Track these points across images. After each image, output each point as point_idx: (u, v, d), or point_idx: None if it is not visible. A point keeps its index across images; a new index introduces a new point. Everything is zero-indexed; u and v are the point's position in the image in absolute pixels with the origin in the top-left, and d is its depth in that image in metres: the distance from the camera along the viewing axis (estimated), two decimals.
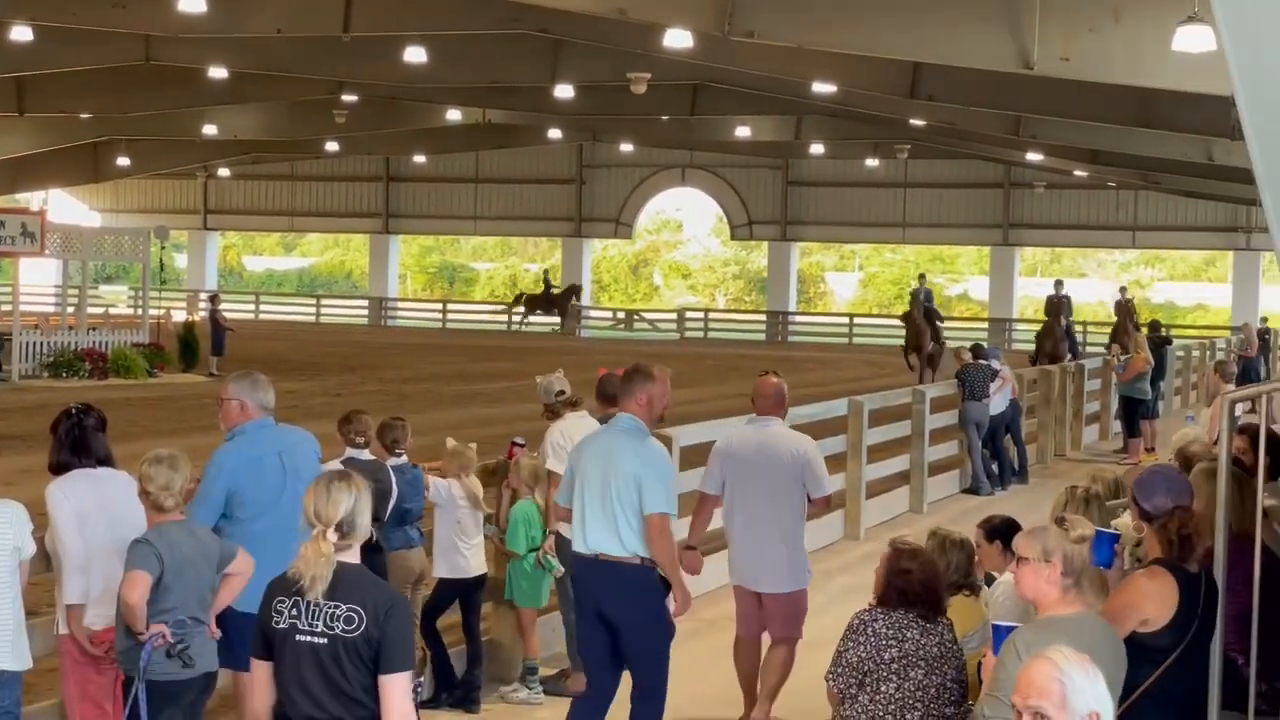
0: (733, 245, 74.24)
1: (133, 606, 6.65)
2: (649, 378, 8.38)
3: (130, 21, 25.46)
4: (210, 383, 32.56)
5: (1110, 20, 17.90)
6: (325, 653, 5.31)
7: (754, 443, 9.68)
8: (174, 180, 65.03)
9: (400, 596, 5.79)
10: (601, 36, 25.88)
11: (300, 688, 5.34)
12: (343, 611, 5.30)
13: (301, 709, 5.35)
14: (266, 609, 5.43)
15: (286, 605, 5.37)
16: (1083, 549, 5.85)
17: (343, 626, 5.30)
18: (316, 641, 5.31)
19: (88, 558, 7.17)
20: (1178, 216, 54.14)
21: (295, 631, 5.34)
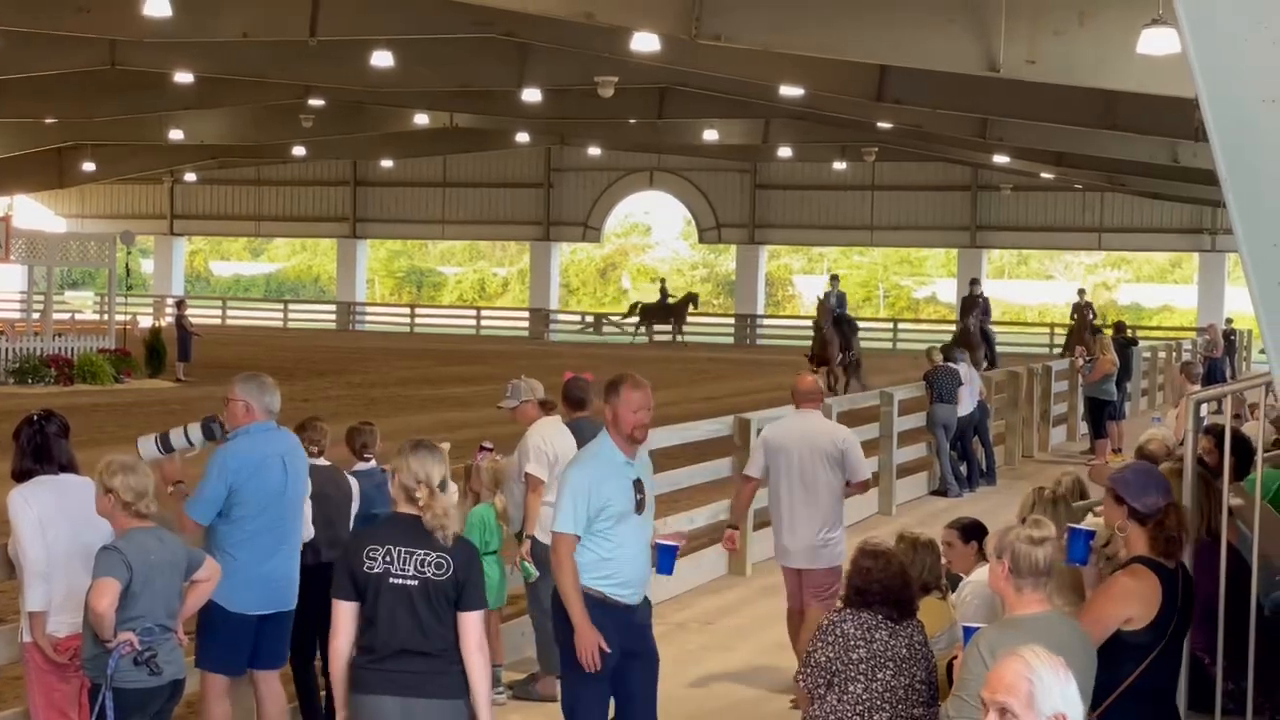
0: (701, 248, 74.33)
1: (101, 614, 6.62)
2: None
3: (95, 26, 25.35)
4: (177, 388, 32.45)
5: (1075, 23, 17.98)
6: (417, 593, 6.23)
7: (796, 432, 10.52)
8: (140, 185, 64.77)
9: (475, 547, 6.71)
10: (568, 40, 25.87)
11: (391, 623, 6.23)
12: (433, 559, 6.25)
13: (392, 642, 6.23)
14: (357, 556, 6.28)
15: (380, 553, 6.26)
16: (1038, 550, 5.85)
17: (433, 571, 6.25)
18: (409, 584, 6.22)
19: (49, 564, 7.14)
20: (1143, 218, 54.42)
21: (389, 575, 6.23)
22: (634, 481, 7.73)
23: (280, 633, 8.15)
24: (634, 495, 7.70)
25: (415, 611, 6.24)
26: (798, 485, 10.35)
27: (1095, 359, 24.36)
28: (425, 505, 6.24)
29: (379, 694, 6.25)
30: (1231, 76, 4.60)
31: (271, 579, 7.92)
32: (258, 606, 7.86)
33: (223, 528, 7.79)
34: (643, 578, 7.82)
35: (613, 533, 7.59)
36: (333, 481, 9.08)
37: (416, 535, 6.27)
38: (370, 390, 32.80)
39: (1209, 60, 4.62)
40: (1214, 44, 4.61)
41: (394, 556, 6.25)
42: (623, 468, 7.72)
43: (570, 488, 7.66)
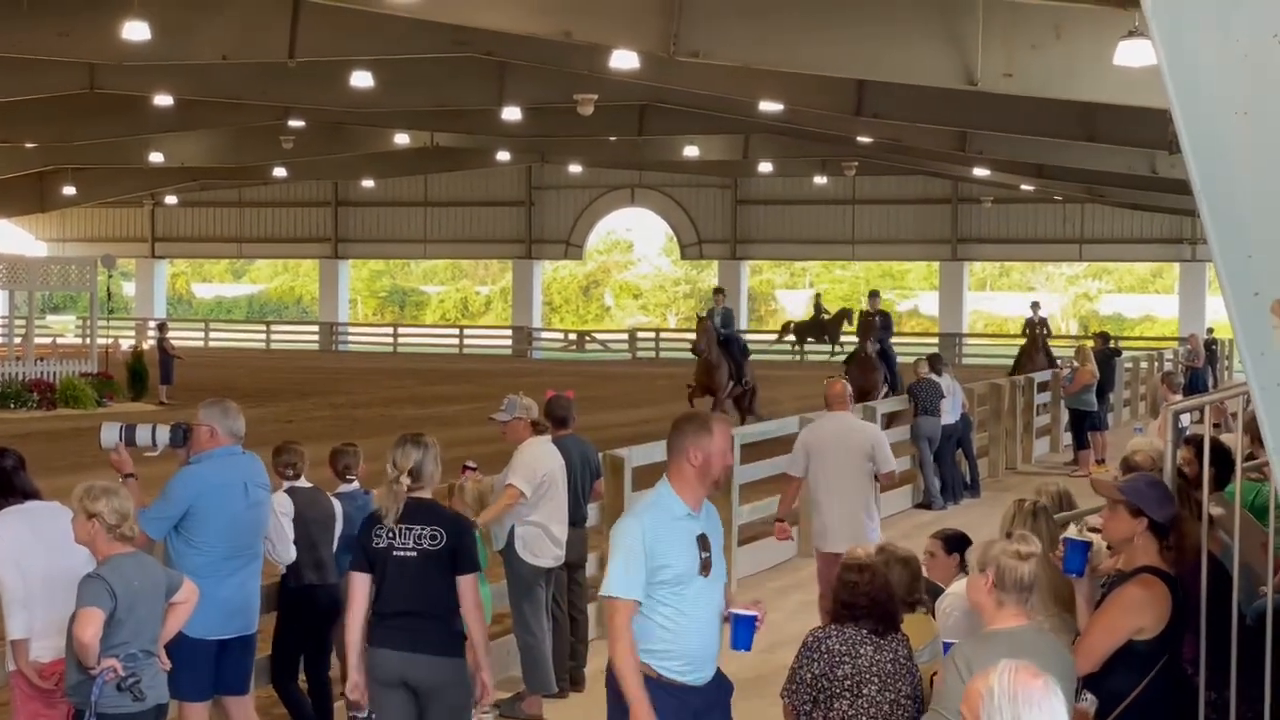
0: (683, 264, 74.37)
1: (85, 645, 6.60)
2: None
3: (74, 50, 25.31)
4: (161, 411, 32.38)
5: (1052, 36, 18.07)
6: (415, 563, 7.21)
7: (831, 432, 11.91)
8: (121, 209, 64.68)
9: (467, 518, 7.87)
10: (548, 58, 25.90)
11: (397, 589, 7.22)
12: (427, 532, 7.23)
13: (395, 604, 7.22)
14: (366, 535, 7.35)
15: (383, 531, 7.29)
16: (1024, 565, 5.87)
17: (429, 543, 7.23)
18: (409, 555, 7.21)
19: (28, 592, 7.12)
20: (1124, 229, 54.60)
21: (392, 549, 7.24)
22: (698, 538, 6.56)
23: (243, 657, 8.12)
24: (699, 554, 6.53)
25: (415, 578, 7.21)
26: (834, 478, 11.66)
27: (1076, 369, 24.43)
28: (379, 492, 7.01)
29: (384, 648, 7.24)
30: (1204, 89, 4.63)
31: (231, 603, 7.90)
32: (218, 631, 7.83)
33: (183, 553, 7.77)
34: (710, 654, 6.64)
35: (673, 598, 6.44)
36: (314, 503, 9.06)
37: (413, 513, 7.22)
38: (354, 411, 32.77)
39: (1181, 73, 4.65)
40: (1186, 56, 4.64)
41: (396, 532, 7.23)
42: (685, 521, 6.56)
43: (623, 544, 6.48)
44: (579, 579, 11.40)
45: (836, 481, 11.67)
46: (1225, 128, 4.61)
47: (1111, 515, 6.63)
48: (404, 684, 7.28)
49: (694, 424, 6.68)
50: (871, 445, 11.90)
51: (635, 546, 6.43)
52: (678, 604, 6.45)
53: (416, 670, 7.22)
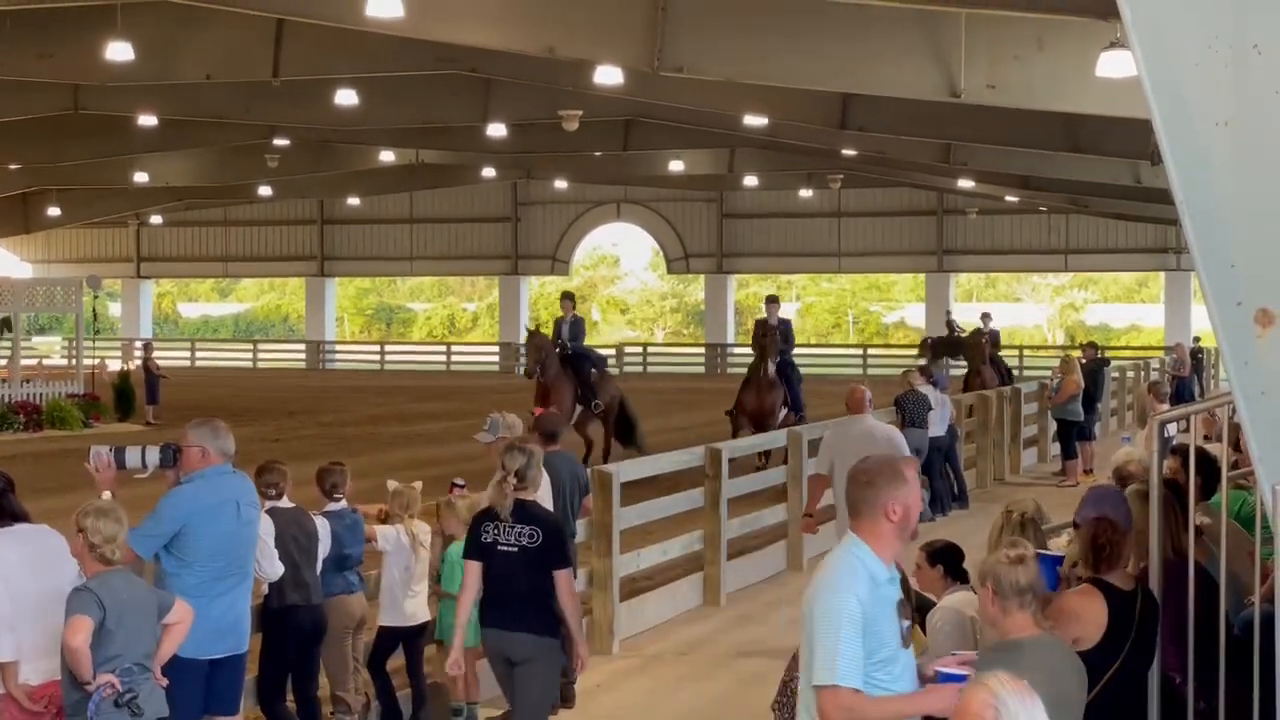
0: (670, 279, 74.44)
1: (75, 650, 6.61)
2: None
3: (58, 71, 25.30)
4: (148, 432, 32.30)
5: (1034, 48, 18.13)
6: (517, 557, 8.27)
7: (853, 433, 12.93)
8: (106, 229, 64.60)
9: (560, 520, 8.95)
10: (532, 75, 25.93)
11: (499, 579, 8.33)
12: (527, 530, 8.27)
13: (500, 591, 8.33)
14: (476, 529, 8.45)
15: (490, 527, 8.36)
16: (1017, 570, 5.86)
17: (528, 540, 8.27)
18: (511, 550, 8.28)
19: (15, 615, 7.10)
20: (1109, 239, 54.73)
21: (497, 544, 8.31)
22: (898, 604, 5.65)
23: (233, 677, 8.09)
24: (901, 624, 5.62)
25: (515, 570, 8.28)
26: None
27: (1063, 379, 24.47)
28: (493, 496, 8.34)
29: (490, 628, 8.45)
30: (1185, 99, 4.65)
31: (223, 622, 7.87)
32: (209, 650, 7.80)
33: (174, 572, 7.74)
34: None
35: (885, 680, 5.50)
36: (296, 524, 9.03)
37: (518, 513, 8.30)
38: (342, 429, 32.72)
39: (1163, 84, 4.67)
40: (1167, 67, 4.66)
41: (500, 530, 8.32)
42: (887, 588, 5.59)
43: (838, 622, 5.42)
44: None
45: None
46: (1207, 138, 4.63)
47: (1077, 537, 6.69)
48: (505, 659, 8.44)
49: (886, 473, 5.68)
50: (890, 446, 12.62)
51: (854, 624, 5.41)
52: (888, 684, 5.51)
53: (514, 646, 8.36)
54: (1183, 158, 4.68)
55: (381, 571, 10.08)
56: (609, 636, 12.78)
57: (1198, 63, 4.60)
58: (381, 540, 9.97)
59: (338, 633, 9.41)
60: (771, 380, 23.20)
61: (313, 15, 20.76)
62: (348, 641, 9.58)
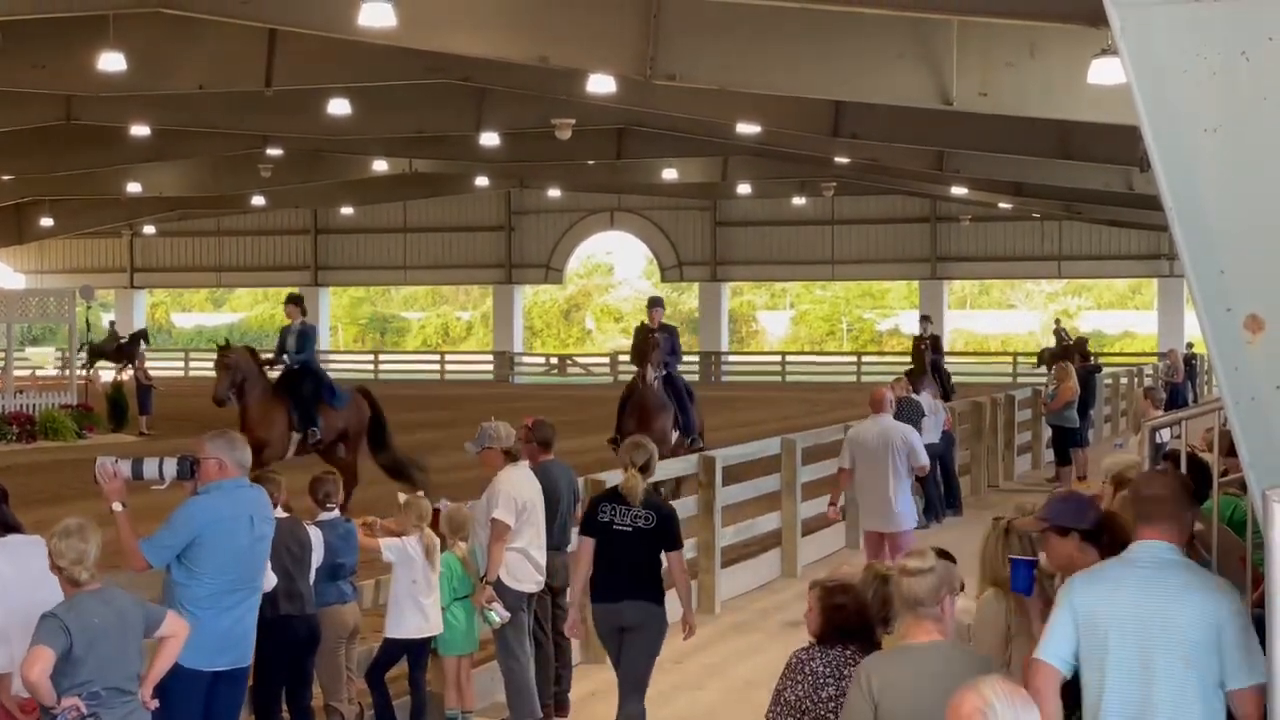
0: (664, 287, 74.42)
1: (32, 683, 6.56)
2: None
3: (51, 82, 25.33)
4: (141, 442, 32.27)
5: (1026, 55, 18.16)
6: (631, 538, 9.31)
7: (874, 432, 14.04)
8: (99, 239, 64.59)
9: (673, 507, 10.10)
10: (524, 84, 25.97)
11: (613, 557, 9.32)
12: (642, 514, 9.32)
13: (612, 566, 9.31)
14: (593, 510, 9.51)
15: (608, 508, 9.38)
16: (912, 581, 5.94)
17: (643, 523, 9.32)
18: (625, 530, 9.30)
19: (8, 626, 7.06)
20: (1102, 246, 54.82)
21: (612, 524, 9.32)
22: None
23: (236, 689, 8.08)
24: None
25: (630, 548, 9.29)
26: (876, 470, 13.82)
27: (1059, 386, 24.46)
28: (624, 483, 9.40)
29: (601, 602, 9.44)
30: (1173, 106, 4.66)
31: (230, 636, 7.86)
32: (214, 663, 7.79)
33: (184, 582, 7.73)
34: None
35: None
36: (291, 534, 9.02)
37: (631, 499, 9.35)
38: None
39: (1151, 90, 4.68)
40: (1155, 74, 4.67)
41: (616, 511, 9.32)
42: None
43: (1247, 621, 5.46)
44: (562, 604, 11.39)
45: (877, 473, 13.82)
46: (1195, 145, 4.64)
47: (1047, 545, 6.70)
48: (617, 627, 9.41)
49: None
50: (907, 443, 14.03)
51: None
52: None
53: (626, 614, 9.37)
54: (1172, 164, 4.69)
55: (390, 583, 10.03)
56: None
57: (1186, 69, 4.61)
58: (387, 552, 9.93)
59: (331, 642, 9.40)
60: (658, 400, 18.94)
61: (305, 25, 20.78)
62: (341, 651, 9.57)
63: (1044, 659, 5.57)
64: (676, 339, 20.15)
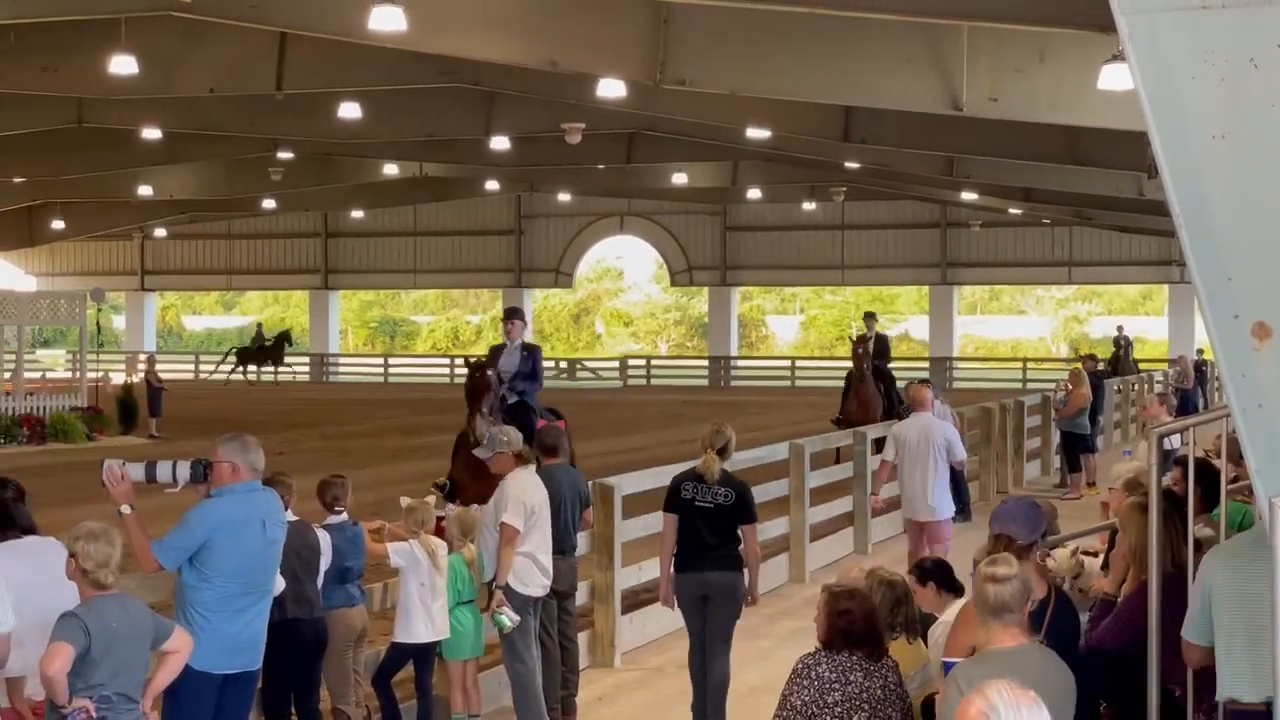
0: (673, 291, 74.47)
1: (50, 679, 6.55)
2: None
3: (61, 85, 25.38)
4: (151, 445, 32.33)
5: (1036, 60, 18.15)
6: (711, 513, 10.29)
7: (915, 428, 15.15)
8: (110, 242, 64.69)
9: (747, 485, 10.69)
10: (535, 88, 25.97)
11: (696, 531, 10.32)
12: (722, 490, 10.32)
13: (696, 540, 10.30)
14: (677, 487, 10.47)
15: (690, 486, 10.37)
16: (1000, 588, 5.92)
17: (723, 499, 10.31)
18: (707, 507, 10.29)
19: (23, 629, 7.02)
20: (1112, 251, 54.73)
21: (695, 501, 10.32)
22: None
23: (245, 693, 8.08)
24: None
25: (712, 523, 10.30)
26: (917, 464, 14.87)
27: (1070, 392, 24.42)
28: (704, 464, 10.35)
29: (686, 572, 10.38)
30: (1181, 113, 4.66)
31: (240, 639, 7.86)
32: (224, 666, 7.80)
33: (194, 586, 7.73)
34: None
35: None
36: (300, 537, 9.02)
37: (709, 478, 10.32)
38: (345, 441, 32.73)
39: (1159, 97, 4.68)
40: (1164, 81, 4.67)
41: (698, 490, 10.32)
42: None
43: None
44: (569, 608, 11.39)
45: (918, 466, 14.87)
46: (1203, 151, 4.64)
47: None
48: (701, 595, 10.33)
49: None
50: (945, 439, 15.11)
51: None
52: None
53: (710, 583, 10.30)
54: (1179, 171, 4.69)
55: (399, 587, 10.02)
56: (610, 649, 12.78)
57: (1194, 76, 4.61)
58: (395, 556, 9.92)
59: (338, 646, 9.39)
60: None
61: (316, 29, 20.82)
62: (348, 655, 9.57)
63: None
64: (538, 359, 17.10)
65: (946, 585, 8.06)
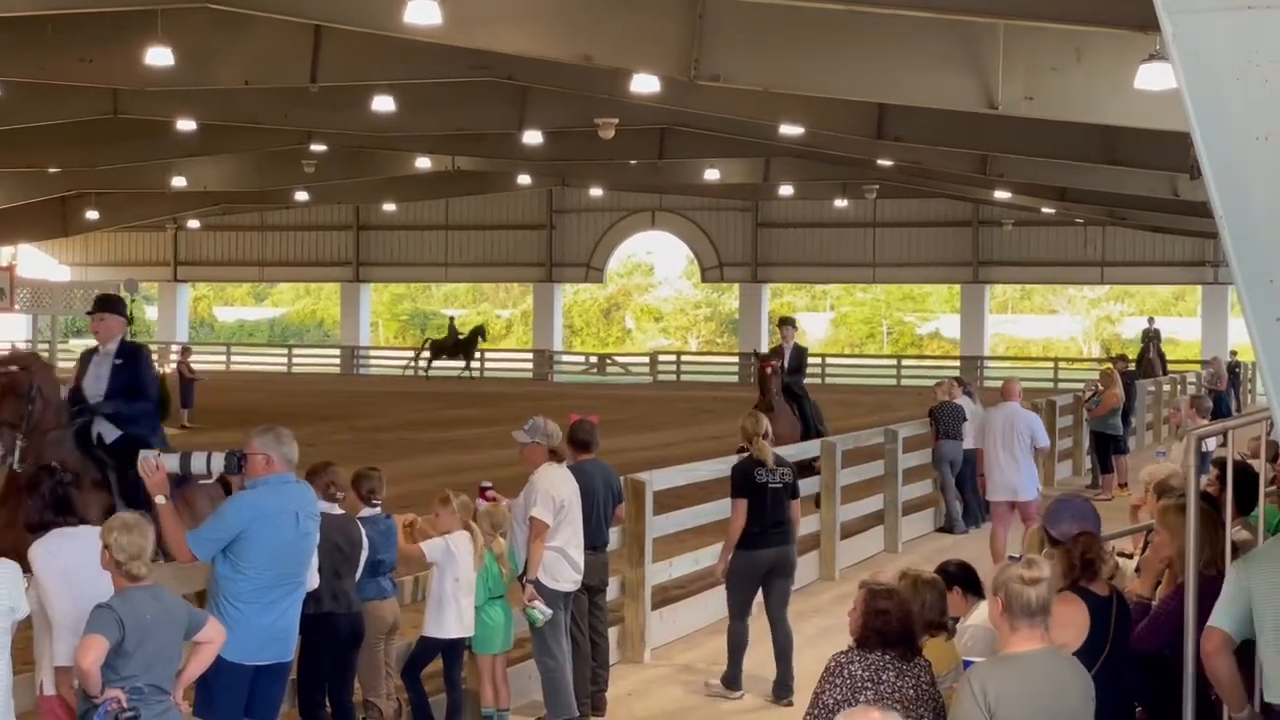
0: (704, 287, 74.43)
1: (85, 671, 6.58)
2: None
3: (98, 76, 25.47)
4: (183, 436, 32.44)
5: (1072, 59, 18.07)
6: (780, 491, 11.69)
7: (1003, 415, 16.64)
8: (143, 233, 64.96)
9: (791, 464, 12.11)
10: (568, 82, 25.97)
11: (765, 512, 11.57)
12: (780, 471, 11.72)
13: (770, 518, 11.60)
14: (750, 474, 11.65)
15: (762, 472, 11.61)
16: (1030, 590, 5.90)
17: (783, 479, 11.72)
18: (776, 486, 11.65)
19: (79, 617, 6.99)
20: (1146, 252, 54.48)
21: (768, 485, 11.60)
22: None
23: (277, 684, 8.11)
24: None
25: (778, 501, 11.65)
26: (1004, 448, 16.27)
27: (1103, 392, 24.33)
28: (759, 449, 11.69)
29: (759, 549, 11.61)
30: (1225, 113, 4.62)
31: (272, 631, 7.89)
32: (256, 657, 7.82)
33: (228, 577, 7.77)
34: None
35: None
36: (343, 532, 9.03)
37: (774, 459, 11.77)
38: (376, 434, 32.80)
39: (1203, 97, 4.65)
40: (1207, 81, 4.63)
41: (768, 473, 11.62)
42: None
43: None
44: (600, 603, 11.41)
45: (1004, 449, 16.25)
46: (1247, 152, 4.60)
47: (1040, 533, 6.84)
48: (765, 570, 11.65)
49: None
50: (1028, 427, 16.51)
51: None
52: None
53: (781, 556, 11.76)
54: (1222, 172, 4.65)
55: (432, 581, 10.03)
56: (640, 645, 12.78)
57: (1238, 77, 4.57)
58: (430, 554, 9.92)
59: (371, 638, 9.41)
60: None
61: (351, 22, 20.84)
62: (380, 647, 9.59)
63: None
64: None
65: (971, 588, 8.05)
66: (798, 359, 21.85)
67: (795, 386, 21.62)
